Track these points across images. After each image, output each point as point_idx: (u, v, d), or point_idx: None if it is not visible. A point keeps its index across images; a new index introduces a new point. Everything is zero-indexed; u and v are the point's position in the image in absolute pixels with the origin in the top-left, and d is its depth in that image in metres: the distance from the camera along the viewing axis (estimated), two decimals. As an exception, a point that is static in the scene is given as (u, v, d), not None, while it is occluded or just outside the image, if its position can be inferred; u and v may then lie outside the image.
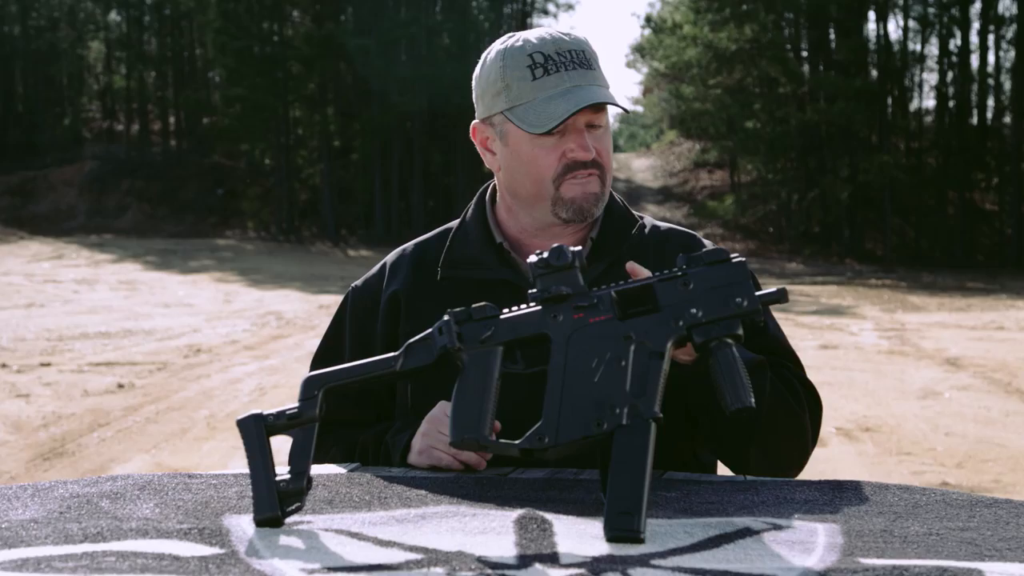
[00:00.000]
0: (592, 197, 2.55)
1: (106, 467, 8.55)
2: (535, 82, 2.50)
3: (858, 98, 43.94)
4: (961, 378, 13.21)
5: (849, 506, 1.94)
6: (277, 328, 18.43)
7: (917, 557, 1.59)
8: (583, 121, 2.51)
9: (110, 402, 11.30)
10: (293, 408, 1.87)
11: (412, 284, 2.68)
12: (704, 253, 1.89)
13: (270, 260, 37.27)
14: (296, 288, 27.29)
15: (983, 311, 23.28)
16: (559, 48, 2.52)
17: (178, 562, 1.55)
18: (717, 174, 55.83)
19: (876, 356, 15.26)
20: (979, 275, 36.87)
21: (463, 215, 2.77)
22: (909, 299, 26.71)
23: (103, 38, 63.14)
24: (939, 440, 9.73)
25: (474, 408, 1.86)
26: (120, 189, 52.19)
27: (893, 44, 49.62)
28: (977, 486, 8.08)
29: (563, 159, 2.52)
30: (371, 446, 2.56)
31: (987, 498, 2.00)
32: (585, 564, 1.56)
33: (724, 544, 1.68)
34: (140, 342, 16.23)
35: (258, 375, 13.11)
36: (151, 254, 37.34)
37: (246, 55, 49.58)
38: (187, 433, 9.81)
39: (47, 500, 1.96)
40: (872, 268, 39.18)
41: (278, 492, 1.80)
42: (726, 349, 1.83)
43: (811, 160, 47.54)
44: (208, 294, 25.51)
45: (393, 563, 1.57)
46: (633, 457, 1.74)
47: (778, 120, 46.98)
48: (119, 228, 47.65)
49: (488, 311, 1.92)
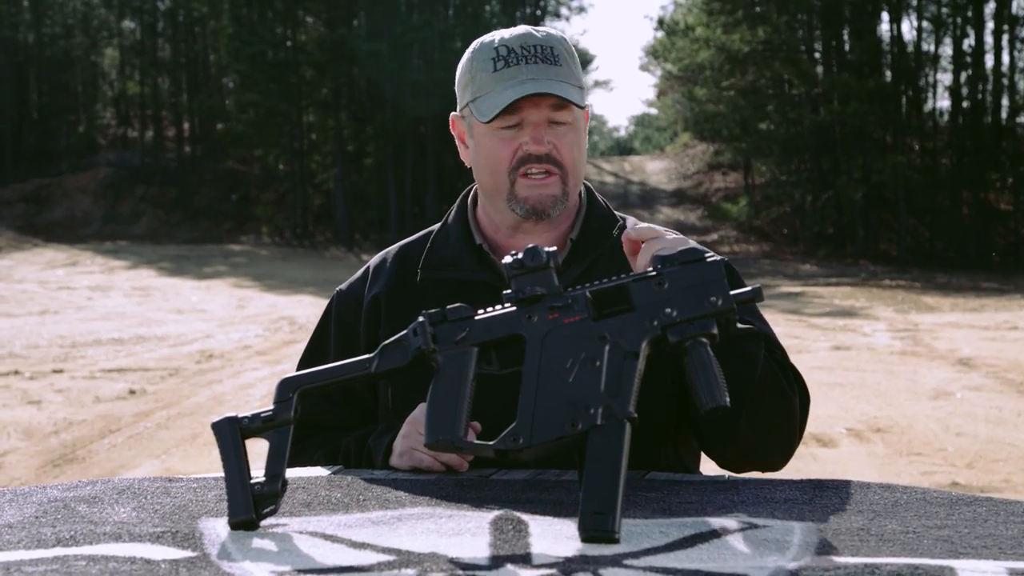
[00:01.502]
0: (549, 200, 2.56)
1: (116, 473, 8.57)
2: (495, 73, 2.53)
3: (872, 99, 43.83)
4: (973, 378, 13.18)
5: (829, 505, 1.94)
6: (290, 333, 18.45)
7: (892, 555, 1.59)
8: (543, 116, 2.52)
9: (121, 408, 11.32)
10: (268, 411, 1.87)
11: (393, 286, 2.70)
12: (679, 253, 1.89)
13: (284, 265, 37.31)
14: (310, 293, 27.32)
15: (997, 311, 23.23)
16: (525, 43, 2.55)
17: (148, 565, 1.55)
18: (731, 176, 55.76)
19: (888, 357, 15.23)
20: (993, 275, 36.77)
21: (446, 217, 2.79)
22: (923, 300, 26.65)
23: (117, 45, 63.29)
24: (950, 440, 9.71)
25: (449, 409, 1.86)
26: (134, 195, 52.28)
27: (907, 44, 49.48)
28: (987, 486, 8.07)
29: (518, 152, 2.54)
30: (353, 449, 2.56)
31: (967, 496, 1.99)
32: (557, 564, 1.56)
33: (698, 544, 1.67)
34: (152, 348, 16.26)
35: (270, 380, 13.12)
36: (165, 260, 37.41)
37: (259, 60, 49.64)
38: (197, 439, 9.83)
39: (25, 505, 1.96)
40: (886, 269, 39.08)
41: (253, 495, 1.80)
42: (700, 348, 1.83)
43: (825, 161, 47.45)
44: (222, 300, 25.55)
45: (365, 565, 1.57)
46: (607, 457, 1.74)
47: (791, 121, 46.90)
48: (133, 235, 47.72)
49: (463, 312, 1.92)
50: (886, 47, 49.02)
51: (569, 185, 2.58)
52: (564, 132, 2.55)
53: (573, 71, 2.56)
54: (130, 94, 61.34)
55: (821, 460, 8.86)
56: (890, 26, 48.93)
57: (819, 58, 49.80)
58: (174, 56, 60.28)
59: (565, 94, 2.50)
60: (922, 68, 50.13)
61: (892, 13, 48.24)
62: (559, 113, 2.53)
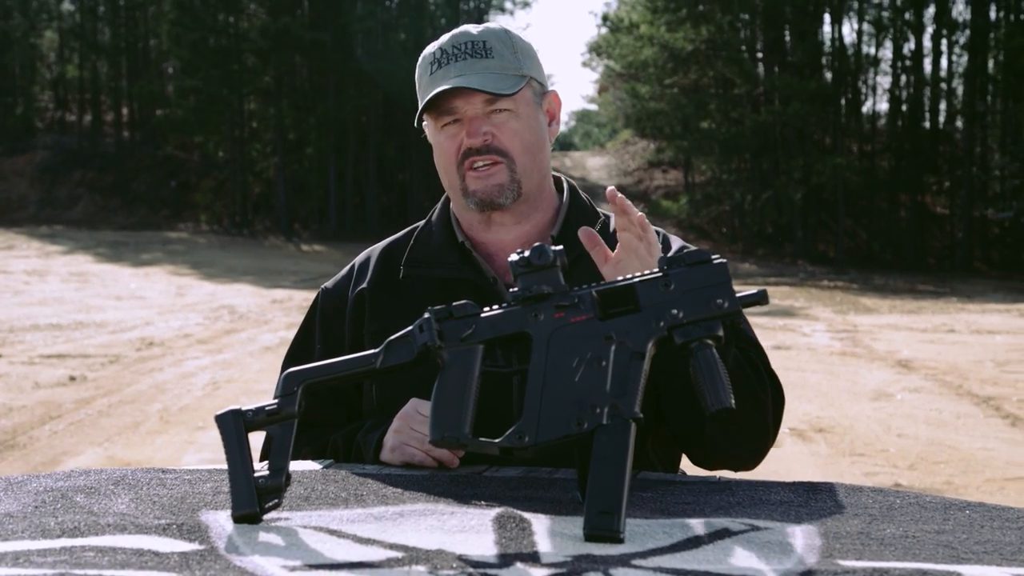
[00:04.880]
0: (496, 189, 2.58)
1: (58, 460, 8.49)
2: (431, 76, 2.60)
3: (812, 100, 44.16)
4: (913, 380, 13.30)
5: (824, 508, 1.95)
6: (230, 322, 18.36)
7: (895, 559, 1.61)
8: (476, 109, 2.56)
9: (62, 395, 11.22)
10: (272, 404, 1.86)
11: (377, 283, 2.71)
12: (685, 254, 1.89)
13: (223, 254, 37.10)
14: (249, 282, 27.20)
15: (934, 313, 23.44)
16: (456, 42, 2.60)
17: (158, 558, 1.54)
18: (671, 174, 55.97)
19: (829, 357, 15.34)
20: (929, 278, 37.13)
21: (430, 214, 2.80)
22: (861, 301, 26.87)
23: (56, 27, 62.63)
24: (891, 441, 9.79)
25: (454, 406, 1.86)
26: (72, 180, 51.81)
27: (848, 47, 49.93)
28: (929, 487, 8.14)
29: (461, 147, 2.58)
30: (341, 445, 2.56)
31: (960, 501, 2.01)
32: (566, 564, 1.56)
33: (703, 545, 1.68)
34: (92, 334, 16.13)
35: (211, 369, 13.05)
36: (102, 246, 37.10)
37: (201, 47, 49.27)
38: (140, 427, 9.75)
39: (21, 494, 1.95)
40: (824, 270, 39.38)
41: (256, 488, 1.79)
42: (706, 350, 1.84)
43: (765, 161, 47.73)
44: (160, 287, 25.39)
45: (374, 561, 1.56)
46: (613, 457, 1.75)
47: (733, 121, 47.14)
48: (70, 219, 47.30)
49: (469, 309, 1.92)
50: (827, 49, 49.37)
51: (518, 172, 2.59)
52: (504, 120, 2.57)
53: (508, 61, 2.58)
54: (69, 77, 60.73)
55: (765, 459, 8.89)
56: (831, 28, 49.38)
57: (761, 58, 50.05)
58: (114, 40, 59.71)
59: (482, 85, 2.53)
60: (862, 71, 50.58)
61: (834, 15, 48.61)
62: (496, 103, 2.56)
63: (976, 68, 47.19)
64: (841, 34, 49.36)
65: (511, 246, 2.61)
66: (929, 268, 42.07)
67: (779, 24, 48.90)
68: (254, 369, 13.07)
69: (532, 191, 2.64)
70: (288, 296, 23.95)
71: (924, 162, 47.02)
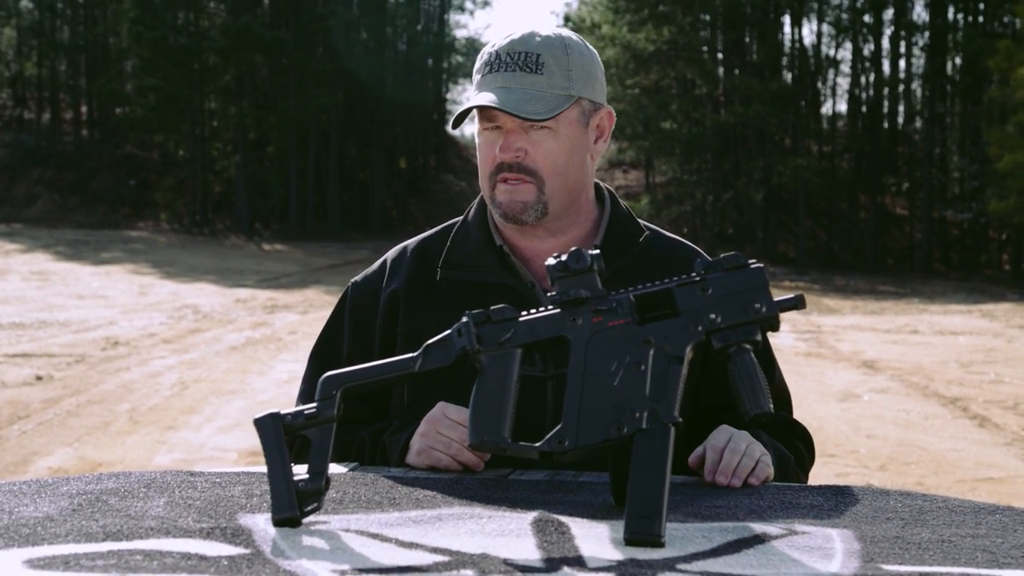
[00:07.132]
0: (520, 206, 2.55)
1: (29, 460, 8.44)
2: (482, 78, 2.55)
3: (773, 101, 44.32)
4: (879, 381, 13.37)
5: (856, 512, 1.96)
6: (194, 321, 18.28)
7: (937, 564, 1.62)
8: (516, 123, 2.51)
9: (29, 394, 11.15)
10: (311, 408, 1.87)
11: (411, 283, 2.67)
12: (723, 259, 1.90)
13: (183, 253, 36.90)
14: (211, 281, 27.08)
15: (896, 314, 23.58)
16: (511, 49, 2.54)
17: (206, 562, 1.54)
18: (632, 174, 56.09)
19: (794, 358, 15.39)
20: (890, 279, 37.33)
21: (466, 213, 2.76)
22: (823, 301, 26.97)
23: (15, 24, 62.17)
24: (861, 442, 9.84)
25: (494, 410, 1.86)
26: (30, 178, 51.45)
27: (808, 48, 50.17)
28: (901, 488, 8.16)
29: (496, 158, 2.55)
30: (368, 445, 2.54)
31: (989, 505, 2.03)
32: (612, 568, 1.57)
33: (744, 549, 1.69)
34: (56, 334, 16.03)
35: (178, 369, 13.00)
36: (62, 244, 36.83)
37: (161, 45, 48.95)
38: (109, 427, 9.70)
39: (56, 497, 1.94)
40: (785, 270, 39.52)
41: (296, 492, 1.79)
42: (745, 355, 1.84)
43: (726, 162, 47.86)
44: (122, 286, 25.24)
45: (421, 565, 1.57)
46: (653, 461, 1.75)
47: (694, 121, 47.23)
48: (28, 217, 46.94)
49: (507, 313, 1.92)
50: (787, 50, 49.59)
51: (546, 192, 2.55)
52: (541, 138, 2.52)
53: (557, 80, 2.52)
54: (27, 75, 60.30)
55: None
56: (792, 30, 49.59)
57: (722, 59, 50.21)
58: (73, 38, 59.34)
59: (517, 109, 2.47)
60: (822, 72, 50.84)
61: (794, 17, 48.81)
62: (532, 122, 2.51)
63: (935, 70, 47.60)
64: (801, 35, 49.61)
65: (547, 253, 2.52)
66: (889, 269, 42.31)
67: (740, 25, 49.06)
68: (221, 368, 13.02)
69: (559, 210, 2.59)
70: (251, 295, 23.87)
71: (884, 163, 47.33)
